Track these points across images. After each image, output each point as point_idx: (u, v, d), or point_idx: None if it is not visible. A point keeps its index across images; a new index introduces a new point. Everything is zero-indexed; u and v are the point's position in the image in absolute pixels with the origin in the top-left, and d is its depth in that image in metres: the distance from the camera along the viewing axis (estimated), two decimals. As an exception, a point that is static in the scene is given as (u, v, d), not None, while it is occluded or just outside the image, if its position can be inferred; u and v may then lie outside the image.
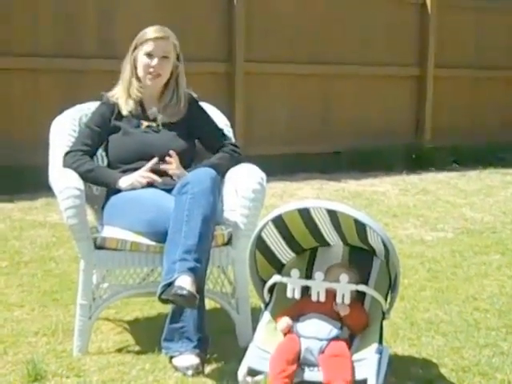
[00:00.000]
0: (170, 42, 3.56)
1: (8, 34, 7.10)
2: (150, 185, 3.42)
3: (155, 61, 3.53)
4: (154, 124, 3.60)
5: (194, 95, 3.73)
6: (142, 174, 3.42)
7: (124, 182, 3.43)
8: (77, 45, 7.47)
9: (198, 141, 3.69)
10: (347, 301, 2.92)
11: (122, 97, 3.60)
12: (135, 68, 3.60)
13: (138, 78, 3.61)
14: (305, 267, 3.19)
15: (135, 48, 3.58)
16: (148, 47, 3.53)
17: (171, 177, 3.46)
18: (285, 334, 2.96)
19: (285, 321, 2.98)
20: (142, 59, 3.55)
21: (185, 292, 2.90)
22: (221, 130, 3.73)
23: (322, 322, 2.92)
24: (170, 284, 2.95)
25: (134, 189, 3.39)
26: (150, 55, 3.53)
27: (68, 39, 7.41)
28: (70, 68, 7.40)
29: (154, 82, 3.59)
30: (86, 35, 7.52)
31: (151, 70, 3.55)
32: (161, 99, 3.65)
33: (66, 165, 3.46)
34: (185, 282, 2.93)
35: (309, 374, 2.82)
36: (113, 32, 7.40)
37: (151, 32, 3.56)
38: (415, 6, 9.74)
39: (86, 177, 3.42)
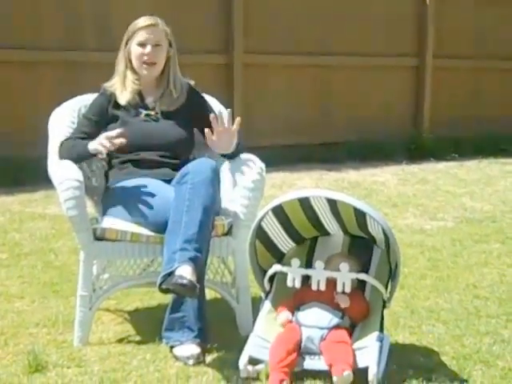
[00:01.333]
0: (160, 28, 3.54)
1: (9, 27, 7.09)
2: (149, 176, 3.41)
3: (148, 48, 3.51)
4: (152, 113, 3.59)
5: (192, 83, 3.71)
6: (107, 136, 3.30)
7: (91, 145, 3.35)
8: (77, 37, 7.46)
9: (198, 130, 3.67)
10: (348, 289, 2.93)
11: (118, 89, 3.59)
12: (129, 61, 3.58)
13: (133, 70, 3.59)
14: (305, 256, 3.20)
15: (127, 40, 3.56)
16: (140, 37, 3.51)
17: (171, 168, 3.46)
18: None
19: (284, 315, 2.99)
20: (135, 49, 3.53)
21: (185, 281, 2.89)
22: None
23: (322, 311, 2.93)
24: (171, 274, 2.95)
25: (99, 152, 3.29)
26: (142, 44, 3.51)
27: (68, 32, 7.40)
28: (70, 60, 7.40)
29: (149, 71, 3.56)
30: (86, 28, 7.51)
31: (145, 58, 3.52)
32: (158, 87, 3.63)
33: (61, 156, 3.43)
34: (185, 272, 2.92)
35: (310, 363, 2.83)
36: (112, 24, 7.38)
37: (141, 21, 3.54)
38: (413, -5, 9.74)
39: (74, 160, 3.37)
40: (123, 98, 3.56)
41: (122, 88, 3.58)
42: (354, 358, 2.77)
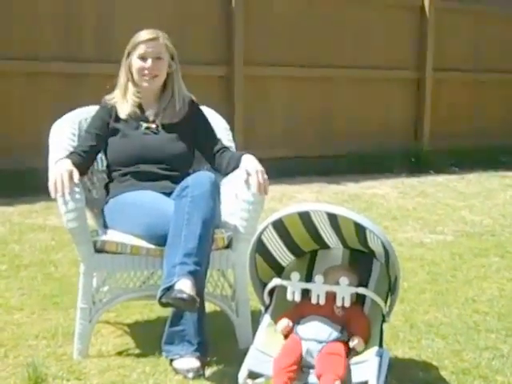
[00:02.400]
0: (160, 42, 3.56)
1: (8, 38, 7.11)
2: (149, 189, 3.42)
3: (149, 62, 3.53)
4: (153, 125, 3.60)
5: (194, 99, 3.73)
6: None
7: (51, 175, 3.30)
8: (77, 49, 7.49)
9: (194, 145, 3.67)
10: (347, 304, 2.92)
11: (119, 102, 3.61)
12: (131, 74, 3.60)
13: (134, 83, 3.61)
14: (305, 270, 3.19)
15: (128, 54, 3.59)
16: (140, 50, 3.54)
17: (171, 181, 3.46)
18: (285, 336, 2.96)
19: (285, 321, 2.98)
20: (135, 63, 3.56)
21: (185, 295, 2.90)
22: (219, 139, 3.70)
23: (322, 325, 2.92)
24: (170, 287, 2.95)
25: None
26: (143, 58, 3.54)
27: (68, 43, 7.43)
28: (70, 72, 7.41)
29: (150, 83, 3.58)
30: (86, 39, 7.54)
31: (146, 72, 3.55)
32: (160, 101, 3.65)
33: None
34: (185, 286, 2.93)
35: (310, 377, 2.82)
36: (112, 36, 7.41)
37: (142, 35, 3.57)
38: (413, 9, 9.77)
39: None
40: (124, 110, 3.58)
41: (123, 100, 3.60)
42: (347, 371, 2.75)
